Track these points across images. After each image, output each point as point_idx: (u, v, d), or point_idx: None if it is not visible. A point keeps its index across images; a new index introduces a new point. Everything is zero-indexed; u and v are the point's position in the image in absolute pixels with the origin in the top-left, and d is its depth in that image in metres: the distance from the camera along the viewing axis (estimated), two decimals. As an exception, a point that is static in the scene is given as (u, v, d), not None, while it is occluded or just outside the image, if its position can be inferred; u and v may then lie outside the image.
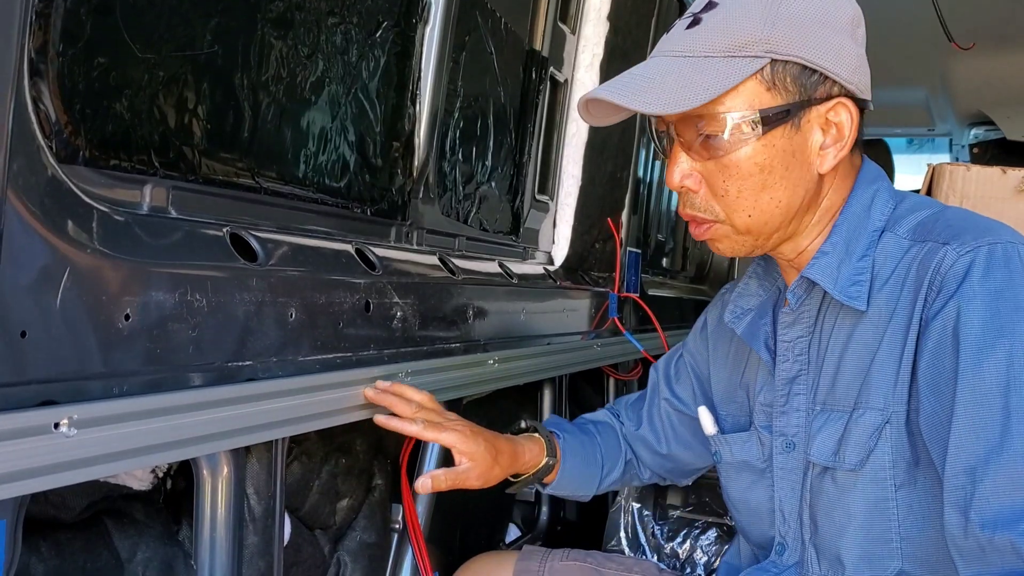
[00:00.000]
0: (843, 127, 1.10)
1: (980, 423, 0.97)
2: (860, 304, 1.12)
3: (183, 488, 1.21)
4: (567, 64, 2.31)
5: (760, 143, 1.07)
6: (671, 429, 1.53)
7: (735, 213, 1.11)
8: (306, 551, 1.38)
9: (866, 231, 1.14)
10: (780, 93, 1.06)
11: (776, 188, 1.09)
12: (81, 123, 1.02)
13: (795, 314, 1.20)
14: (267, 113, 1.32)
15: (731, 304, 1.32)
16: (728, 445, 1.32)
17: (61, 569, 1.01)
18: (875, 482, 1.11)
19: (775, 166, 1.08)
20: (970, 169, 1.76)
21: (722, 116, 1.05)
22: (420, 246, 1.77)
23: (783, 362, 1.22)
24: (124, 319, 0.98)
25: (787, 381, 1.21)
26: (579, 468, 1.50)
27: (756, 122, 1.05)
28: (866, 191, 1.16)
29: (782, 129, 1.07)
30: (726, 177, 1.08)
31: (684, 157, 1.10)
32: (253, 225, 1.25)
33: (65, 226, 0.93)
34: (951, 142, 4.60)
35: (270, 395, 1.16)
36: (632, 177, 2.80)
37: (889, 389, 1.09)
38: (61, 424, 0.88)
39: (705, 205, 1.12)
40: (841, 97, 1.09)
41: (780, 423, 1.22)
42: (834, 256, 1.14)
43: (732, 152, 1.07)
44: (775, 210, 1.11)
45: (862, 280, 1.12)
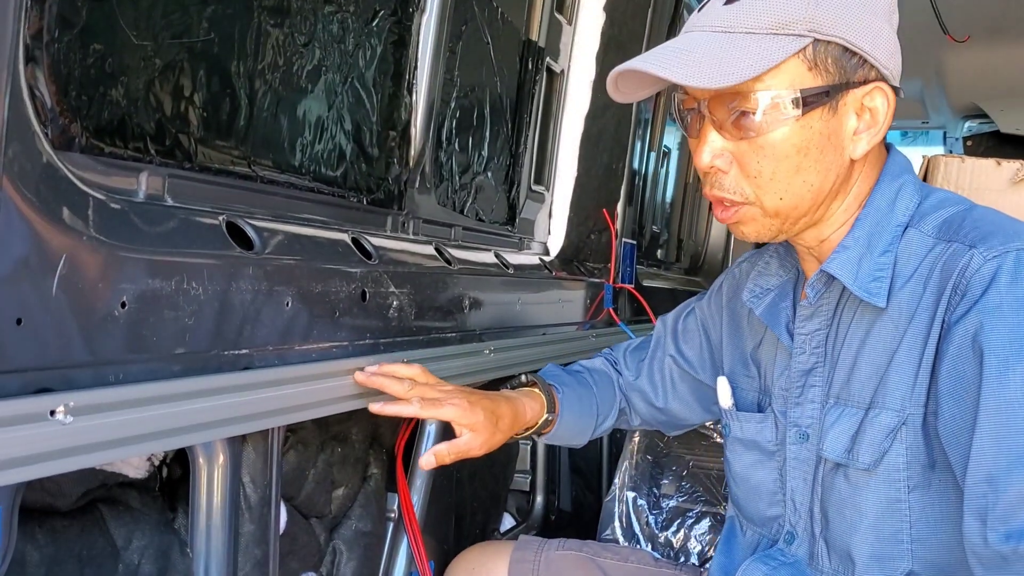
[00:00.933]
0: (877, 113, 1.08)
1: (1003, 433, 0.95)
2: (880, 301, 1.10)
3: (179, 476, 1.21)
4: (563, 55, 2.31)
5: (799, 124, 1.04)
6: (671, 385, 1.52)
7: (766, 195, 1.08)
8: (302, 540, 1.38)
9: (890, 225, 1.12)
10: (821, 74, 1.04)
11: (810, 171, 1.07)
12: (77, 110, 1.02)
13: (813, 308, 1.19)
14: (263, 101, 1.32)
15: (750, 283, 1.31)
16: (740, 422, 1.31)
17: (57, 556, 1.01)
18: (888, 483, 1.10)
19: (811, 148, 1.06)
20: (965, 161, 1.76)
21: (761, 94, 1.03)
22: (416, 236, 1.77)
23: (800, 354, 1.21)
24: (120, 307, 0.98)
25: (803, 373, 1.21)
26: (575, 420, 1.50)
27: (797, 102, 1.03)
28: (892, 184, 1.14)
29: (820, 111, 1.05)
30: (761, 158, 1.06)
31: (715, 136, 1.07)
32: (249, 213, 1.25)
33: (61, 213, 0.92)
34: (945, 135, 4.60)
35: (266, 384, 1.16)
36: (627, 168, 2.81)
37: (907, 391, 1.08)
38: (57, 412, 0.88)
39: (735, 186, 1.09)
40: (878, 82, 1.07)
41: (795, 413, 1.22)
42: (855, 251, 1.12)
43: (769, 132, 1.04)
44: (807, 193, 1.09)
45: (883, 276, 1.10)
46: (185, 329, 1.06)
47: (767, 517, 1.28)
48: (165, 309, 1.03)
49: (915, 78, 3.81)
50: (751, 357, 1.34)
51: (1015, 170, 1.73)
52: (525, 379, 1.49)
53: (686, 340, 1.52)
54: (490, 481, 2.13)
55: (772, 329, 1.25)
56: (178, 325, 1.05)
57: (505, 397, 1.39)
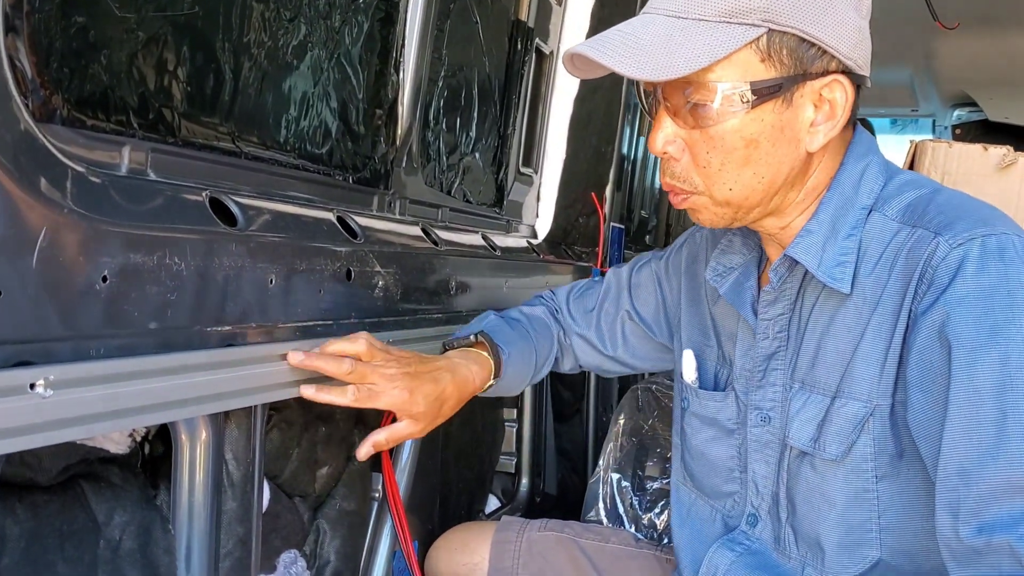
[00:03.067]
0: (836, 105, 1.05)
1: (974, 424, 0.94)
2: (844, 287, 1.09)
3: (161, 453, 1.21)
4: (553, 36, 2.30)
5: (749, 116, 1.02)
6: (622, 338, 1.52)
7: (715, 186, 1.07)
8: (285, 518, 1.38)
9: (854, 208, 1.10)
10: (774, 65, 1.01)
11: (760, 163, 1.05)
12: (58, 81, 1.01)
13: (776, 292, 1.19)
14: (248, 76, 1.31)
15: (713, 261, 1.29)
16: (700, 399, 1.31)
17: (37, 531, 1.01)
18: (856, 473, 1.09)
19: (762, 141, 1.04)
20: (952, 146, 1.77)
21: (712, 85, 1.01)
22: (403, 216, 1.76)
23: (763, 339, 1.20)
24: (102, 281, 0.97)
25: (765, 357, 1.20)
26: (514, 377, 1.47)
27: (746, 95, 1.01)
28: (856, 166, 1.12)
29: (773, 103, 1.02)
30: (710, 148, 1.04)
31: (669, 122, 1.06)
32: (233, 190, 1.24)
33: (41, 185, 0.91)
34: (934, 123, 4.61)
35: (250, 361, 1.15)
36: (616, 153, 2.80)
37: (874, 380, 1.07)
38: (37, 385, 0.87)
39: (685, 175, 1.08)
40: (837, 74, 1.04)
41: (756, 396, 1.22)
42: (819, 235, 1.10)
43: (719, 123, 1.02)
44: (757, 185, 1.06)
45: (847, 261, 1.09)
46: (167, 304, 1.06)
47: (723, 492, 1.28)
48: (147, 284, 1.03)
49: (905, 66, 3.81)
50: (711, 326, 1.33)
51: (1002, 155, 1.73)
52: (474, 339, 1.43)
53: (640, 297, 1.51)
54: (475, 463, 2.13)
55: (738, 310, 1.24)
56: (160, 300, 1.04)
57: (451, 371, 1.32)
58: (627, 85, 2.75)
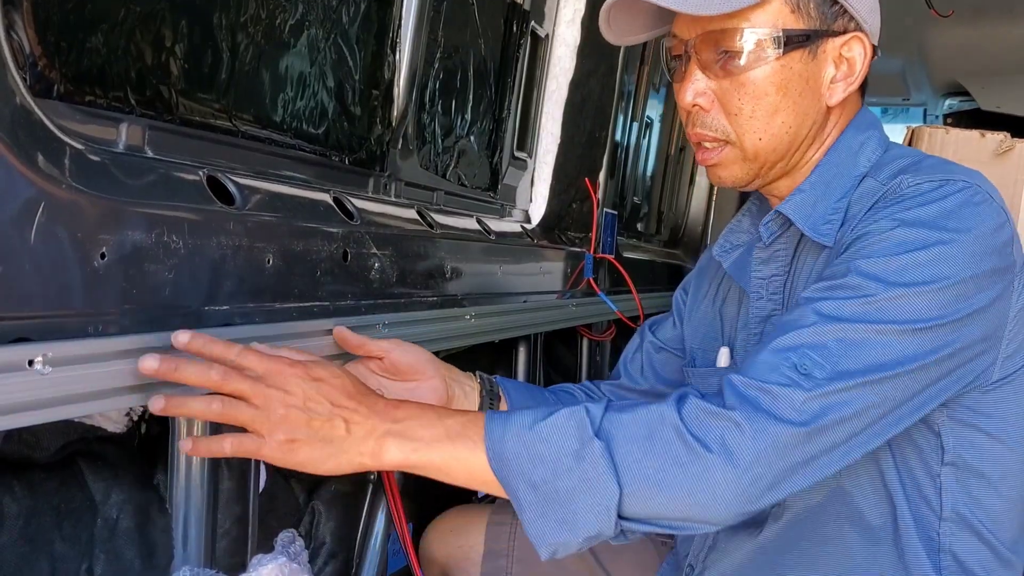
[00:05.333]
0: (855, 62, 1.12)
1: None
2: (828, 240, 1.13)
3: (157, 432, 1.20)
4: (548, 19, 2.29)
5: (779, 63, 1.09)
6: (649, 366, 1.52)
7: (746, 134, 1.12)
8: (281, 499, 1.38)
9: (849, 175, 1.15)
10: (803, 17, 1.08)
11: (788, 112, 1.11)
12: (56, 56, 1.00)
13: (770, 251, 1.21)
14: (245, 55, 1.30)
15: (721, 239, 1.33)
16: (703, 378, 1.32)
17: (35, 508, 1.00)
18: None
19: (790, 89, 1.10)
20: (949, 132, 1.77)
21: (745, 31, 1.08)
22: (398, 198, 1.75)
23: (757, 299, 1.22)
24: (100, 258, 0.96)
25: (760, 320, 1.22)
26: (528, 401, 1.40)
27: (779, 41, 1.08)
28: (857, 136, 1.18)
29: (800, 53, 1.09)
30: (742, 95, 1.10)
31: (700, 75, 1.12)
32: (230, 169, 1.24)
33: (39, 161, 0.90)
34: (925, 112, 4.62)
35: (247, 340, 1.14)
36: (610, 139, 2.80)
37: None
38: (36, 361, 0.87)
39: (715, 124, 1.13)
40: (857, 33, 1.12)
41: None
42: (811, 194, 1.15)
43: (751, 70, 1.09)
44: (784, 135, 1.12)
45: (834, 220, 1.14)
46: (165, 283, 1.05)
47: None
48: (145, 262, 1.02)
49: (897, 55, 3.82)
50: (716, 316, 1.35)
51: (999, 141, 1.74)
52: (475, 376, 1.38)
53: (661, 327, 1.53)
54: (469, 446, 2.13)
55: (738, 281, 1.27)
56: (158, 278, 1.04)
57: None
58: (623, 73, 2.74)
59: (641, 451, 0.93)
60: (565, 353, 2.75)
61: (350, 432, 0.96)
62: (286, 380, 0.96)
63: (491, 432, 0.95)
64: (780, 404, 0.93)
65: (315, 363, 1.00)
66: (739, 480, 0.91)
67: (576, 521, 0.94)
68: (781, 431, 0.92)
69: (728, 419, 0.93)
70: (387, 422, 0.97)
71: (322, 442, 0.95)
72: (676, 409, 0.95)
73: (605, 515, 0.93)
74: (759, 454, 0.92)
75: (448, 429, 0.97)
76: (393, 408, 0.99)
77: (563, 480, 0.93)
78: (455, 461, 0.96)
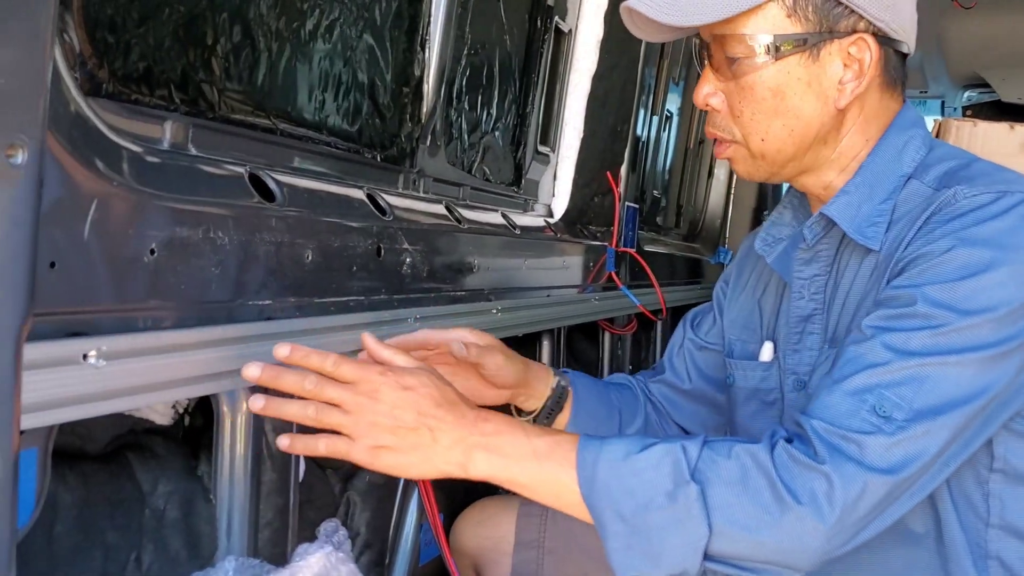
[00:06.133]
0: (864, 63, 1.10)
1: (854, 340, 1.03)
2: (874, 244, 1.13)
3: (201, 425, 1.22)
4: (571, 13, 2.30)
5: (775, 67, 1.09)
6: (692, 365, 1.51)
7: (750, 136, 1.13)
8: (318, 489, 1.40)
9: (893, 175, 1.15)
10: (800, 21, 1.08)
11: (788, 115, 1.11)
12: (104, 55, 1.02)
13: (812, 251, 1.21)
14: (282, 54, 1.32)
15: (763, 232, 1.32)
16: (744, 371, 1.32)
17: (87, 499, 1.02)
18: None
19: (788, 93, 1.10)
20: (977, 124, 1.77)
21: (743, 37, 1.09)
22: (427, 194, 1.77)
23: (798, 299, 1.22)
24: (149, 253, 0.99)
25: (801, 319, 1.22)
26: (595, 405, 1.40)
27: (771, 46, 1.08)
28: (900, 136, 1.16)
29: (798, 57, 1.09)
30: (742, 98, 1.12)
31: (711, 76, 1.14)
32: (269, 166, 1.25)
33: (91, 159, 0.92)
34: (943, 104, 4.60)
35: (288, 334, 1.16)
36: (631, 133, 2.80)
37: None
38: (90, 355, 0.89)
39: (724, 124, 1.15)
40: (864, 33, 1.09)
41: (792, 361, 1.23)
42: (856, 196, 1.15)
43: (749, 74, 1.10)
44: (787, 137, 1.13)
45: (880, 222, 1.13)
46: (211, 278, 1.07)
47: None
48: (192, 257, 1.04)
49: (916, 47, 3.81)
50: (756, 307, 1.35)
51: (1027, 134, 1.74)
52: None
53: (701, 323, 1.51)
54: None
55: (783, 276, 1.26)
56: (205, 274, 1.06)
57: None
58: (643, 67, 2.75)
59: (734, 496, 0.95)
60: (587, 347, 2.76)
61: (436, 440, 0.98)
62: (376, 388, 0.98)
63: (583, 458, 0.98)
64: (867, 453, 0.95)
65: (408, 371, 1.02)
66: (827, 531, 0.94)
67: (662, 557, 0.97)
68: (870, 481, 0.95)
69: (818, 471, 0.95)
70: (475, 435, 0.99)
71: (407, 449, 0.98)
72: (769, 453, 0.97)
73: (692, 555, 0.96)
74: (847, 506, 0.95)
75: (536, 449, 0.99)
76: (482, 421, 1.00)
77: (654, 516, 0.96)
78: (542, 482, 0.99)
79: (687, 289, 3.64)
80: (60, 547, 0.99)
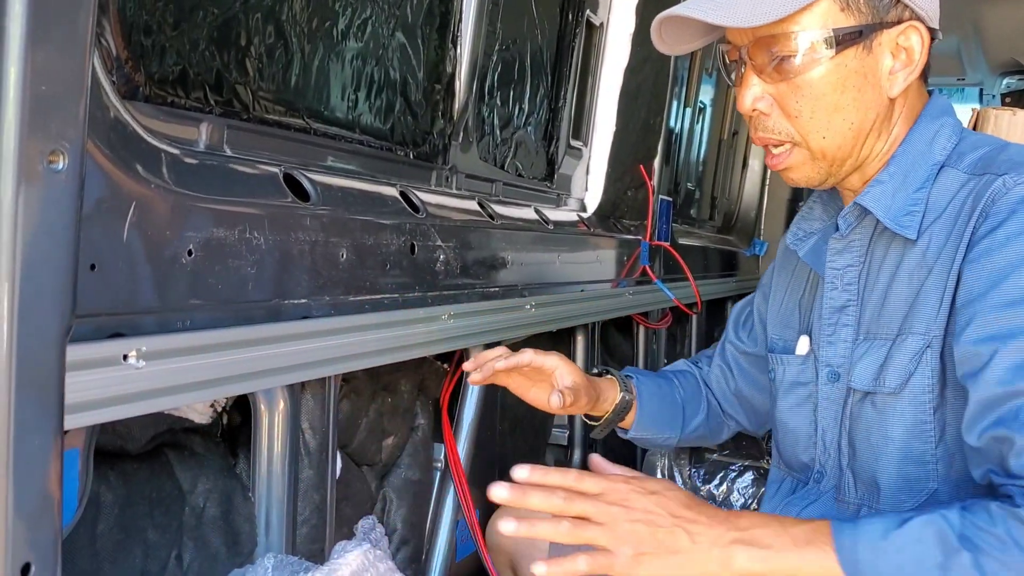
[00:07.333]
0: (913, 51, 1.11)
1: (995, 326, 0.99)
2: (911, 233, 1.13)
3: (239, 423, 1.24)
4: (603, 7, 2.29)
5: (833, 63, 1.08)
6: (737, 368, 1.53)
7: (810, 135, 1.12)
8: (355, 486, 1.41)
9: (926, 164, 1.15)
10: (853, 14, 1.08)
11: (848, 109, 1.11)
12: (140, 59, 1.03)
13: (845, 241, 1.21)
14: (315, 53, 1.32)
15: (794, 227, 1.33)
16: (784, 365, 1.33)
17: (129, 497, 1.04)
18: (914, 405, 1.12)
19: (847, 86, 1.10)
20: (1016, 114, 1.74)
21: (796, 35, 1.07)
22: (460, 190, 1.77)
23: (831, 290, 1.22)
24: (187, 254, 1.00)
25: (834, 310, 1.22)
26: (658, 408, 1.47)
27: (830, 41, 1.07)
28: (931, 124, 1.17)
29: (854, 50, 1.09)
30: (799, 97, 1.10)
31: (756, 80, 1.12)
32: (303, 165, 1.26)
33: (129, 161, 0.94)
34: (982, 92, 4.52)
35: (324, 333, 1.17)
36: (664, 125, 2.79)
37: (932, 314, 1.10)
38: (130, 356, 0.90)
39: (778, 126, 1.13)
40: (912, 21, 1.10)
41: (826, 353, 1.23)
42: (890, 185, 1.15)
43: (805, 72, 1.09)
44: (848, 131, 1.12)
45: (916, 211, 1.13)
46: (247, 278, 1.08)
47: (803, 463, 1.30)
48: (229, 258, 1.05)
49: (951, 34, 3.74)
50: (795, 306, 1.36)
51: (1067, 123, 1.70)
52: (597, 370, 1.46)
53: (744, 323, 1.54)
54: (530, 434, 2.15)
55: (815, 268, 1.27)
56: (242, 274, 1.07)
57: None
58: (676, 58, 2.73)
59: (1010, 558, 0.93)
60: (621, 341, 2.75)
61: (695, 542, 0.97)
62: (625, 496, 0.98)
63: (841, 544, 0.97)
64: None
65: (647, 478, 1.03)
66: None
67: None
68: None
69: None
70: (732, 531, 0.98)
71: (668, 552, 0.97)
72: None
73: None
74: None
75: (794, 538, 0.98)
76: (735, 517, 1.01)
77: None
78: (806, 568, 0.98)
79: (722, 282, 3.62)
80: (103, 545, 1.01)
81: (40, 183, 0.69)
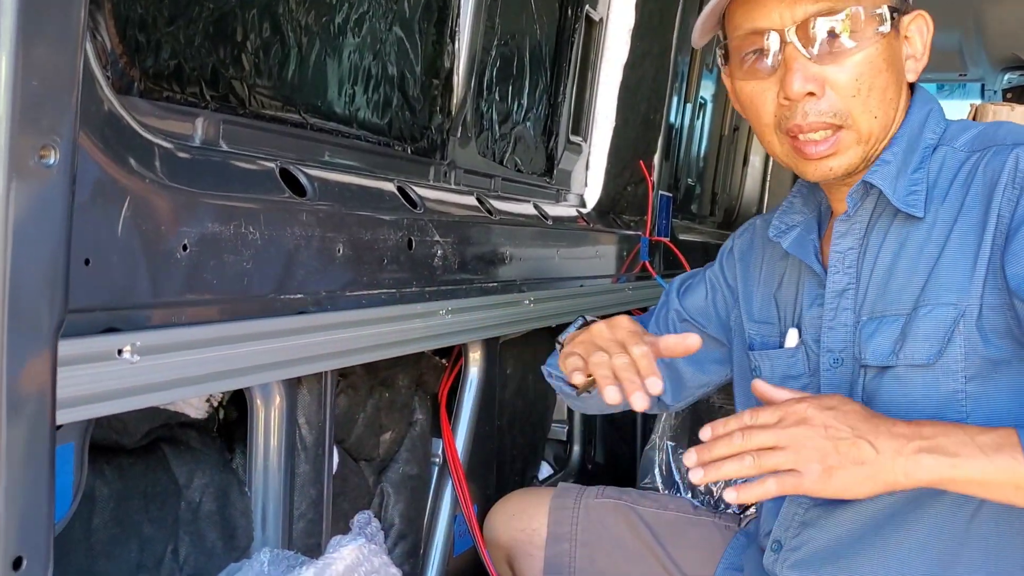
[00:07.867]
0: (915, 39, 1.14)
1: None
2: (918, 211, 1.14)
3: (235, 418, 1.24)
4: (602, 2, 2.28)
5: (885, 40, 1.10)
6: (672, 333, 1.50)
7: (863, 114, 1.11)
8: (352, 481, 1.41)
9: (919, 147, 1.17)
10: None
11: (892, 88, 1.13)
12: (135, 54, 1.03)
13: (848, 223, 1.21)
14: (312, 48, 1.32)
15: (775, 220, 1.32)
16: (771, 360, 1.32)
17: (124, 492, 1.04)
18: (946, 375, 1.12)
19: (893, 65, 1.12)
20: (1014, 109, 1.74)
21: (853, 11, 1.08)
22: (458, 185, 1.77)
23: (834, 273, 1.22)
24: (182, 249, 0.99)
25: (836, 294, 1.22)
26: None
27: (885, 17, 1.09)
28: (921, 110, 1.19)
29: (893, 31, 1.11)
30: (859, 75, 1.10)
31: (804, 62, 1.10)
32: (300, 160, 1.26)
33: (124, 156, 0.93)
34: (983, 87, 4.51)
35: (321, 328, 1.17)
36: (664, 121, 2.78)
37: (964, 284, 1.10)
38: (124, 351, 0.90)
39: (831, 108, 1.11)
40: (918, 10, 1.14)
41: (828, 339, 1.22)
42: (894, 165, 1.16)
43: (864, 48, 1.09)
44: (891, 111, 1.14)
45: (918, 191, 1.15)
46: (243, 273, 1.08)
47: None
48: (224, 253, 1.05)
49: (953, 29, 3.73)
50: (771, 301, 1.35)
51: (1068, 118, 1.70)
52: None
53: (691, 294, 1.51)
54: (529, 430, 2.15)
55: (802, 259, 1.26)
56: (237, 269, 1.07)
57: None
58: (676, 54, 2.72)
59: None
60: (621, 337, 2.74)
61: (879, 451, 0.98)
62: (803, 417, 0.99)
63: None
64: None
65: (818, 396, 1.04)
66: None
67: None
68: None
69: None
70: (916, 439, 0.98)
71: (854, 464, 0.97)
72: None
73: None
74: None
75: (981, 445, 0.98)
76: (917, 426, 1.01)
77: None
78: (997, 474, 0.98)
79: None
80: (98, 539, 1.01)
81: (31, 177, 0.69)
